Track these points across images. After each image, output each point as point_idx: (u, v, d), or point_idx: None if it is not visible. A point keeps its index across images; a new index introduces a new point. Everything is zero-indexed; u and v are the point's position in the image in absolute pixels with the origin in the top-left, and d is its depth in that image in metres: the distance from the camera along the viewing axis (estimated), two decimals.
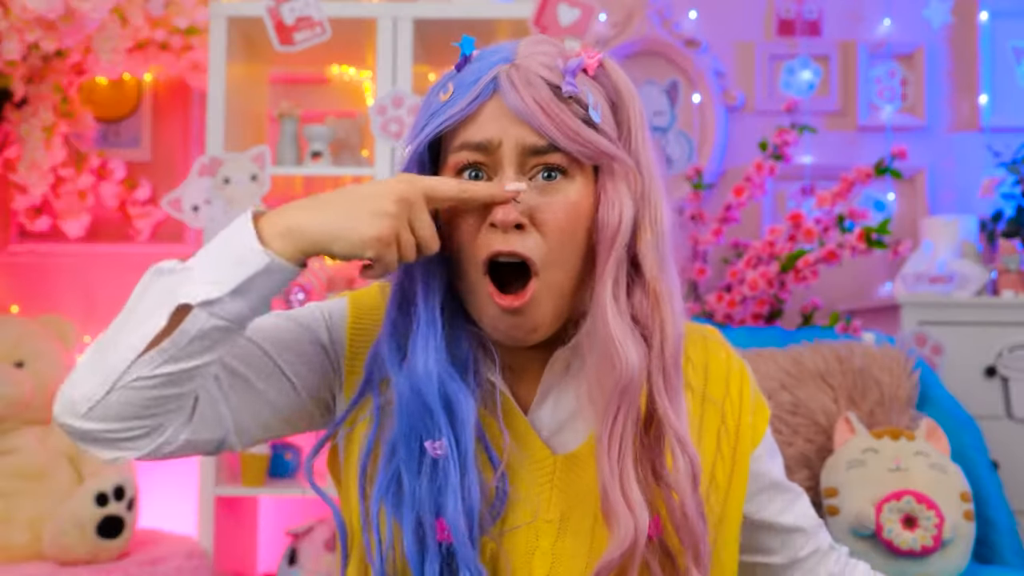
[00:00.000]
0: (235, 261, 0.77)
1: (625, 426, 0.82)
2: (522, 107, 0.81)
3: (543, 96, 0.82)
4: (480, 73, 0.84)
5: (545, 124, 0.81)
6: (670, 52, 2.93)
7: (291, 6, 2.23)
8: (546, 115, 0.81)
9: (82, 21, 2.32)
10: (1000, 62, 2.90)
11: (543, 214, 0.83)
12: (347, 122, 2.61)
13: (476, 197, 0.82)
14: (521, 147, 0.83)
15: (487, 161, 0.84)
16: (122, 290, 2.94)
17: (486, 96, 0.83)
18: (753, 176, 2.62)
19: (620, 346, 0.81)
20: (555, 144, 0.82)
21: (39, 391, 2.37)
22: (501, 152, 0.83)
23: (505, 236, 0.82)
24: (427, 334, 0.85)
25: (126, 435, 0.79)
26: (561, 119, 0.81)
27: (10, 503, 2.25)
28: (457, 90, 0.85)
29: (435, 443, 0.83)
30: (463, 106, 0.83)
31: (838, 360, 2.14)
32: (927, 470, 1.90)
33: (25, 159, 2.62)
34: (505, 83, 0.83)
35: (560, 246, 0.83)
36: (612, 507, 0.80)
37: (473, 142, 0.84)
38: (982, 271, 2.55)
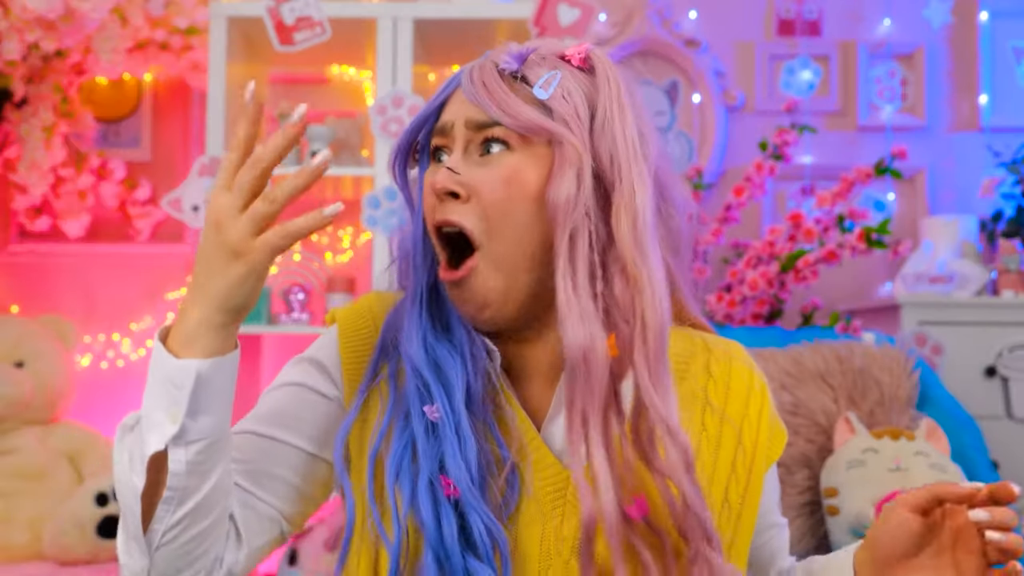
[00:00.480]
0: (172, 387, 0.77)
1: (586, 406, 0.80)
2: (468, 88, 0.87)
3: (488, 76, 0.87)
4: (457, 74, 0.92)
5: (482, 97, 0.86)
6: (670, 52, 2.93)
7: (291, 6, 2.23)
8: (486, 91, 0.86)
9: (82, 21, 2.32)
10: (1000, 62, 2.90)
11: (477, 184, 0.85)
12: (347, 122, 2.61)
13: (299, 228, 0.79)
14: (465, 122, 0.87)
15: (447, 143, 0.89)
16: (122, 290, 2.93)
17: (451, 88, 0.91)
18: (753, 176, 2.62)
19: (567, 324, 0.80)
20: (493, 117, 0.85)
21: (39, 391, 2.37)
22: (454, 132, 0.88)
23: (442, 205, 0.86)
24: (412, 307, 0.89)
25: (199, 570, 0.81)
26: (499, 94, 0.85)
27: (10, 503, 2.25)
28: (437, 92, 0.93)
29: (432, 407, 0.85)
30: (433, 98, 0.91)
31: (838, 360, 2.14)
32: (927, 470, 1.90)
33: (25, 159, 2.62)
34: (465, 73, 0.89)
35: (500, 217, 0.84)
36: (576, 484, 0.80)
37: (436, 127, 0.90)
38: (982, 271, 2.55)
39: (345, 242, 2.85)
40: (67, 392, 2.47)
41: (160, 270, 2.86)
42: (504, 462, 0.86)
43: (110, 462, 2.35)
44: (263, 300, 2.45)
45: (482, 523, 0.82)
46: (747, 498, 0.90)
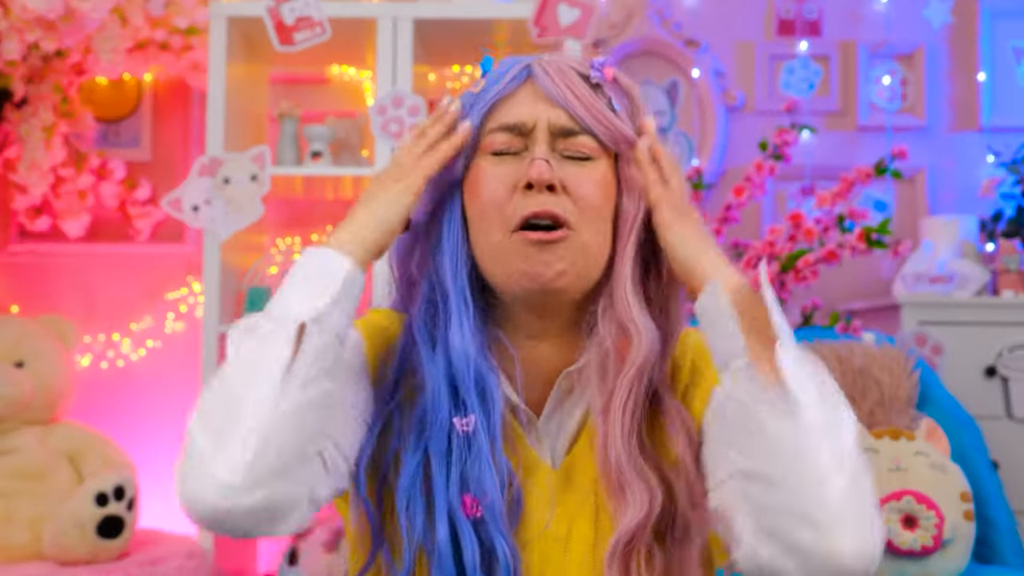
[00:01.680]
0: (323, 277, 0.81)
1: (636, 403, 0.85)
2: (556, 91, 0.88)
3: (575, 82, 0.89)
4: (512, 64, 0.91)
5: (577, 107, 0.87)
6: (670, 52, 2.93)
7: (291, 6, 2.23)
8: (577, 99, 0.88)
9: (82, 21, 2.32)
10: (1000, 62, 2.90)
11: (576, 183, 0.88)
12: (347, 122, 2.61)
13: (444, 152, 0.90)
14: (553, 128, 0.88)
15: (519, 144, 0.89)
16: (122, 290, 2.94)
17: (521, 80, 0.90)
18: (753, 176, 2.62)
19: (640, 326, 0.86)
20: (585, 127, 0.88)
21: (39, 391, 2.37)
22: (534, 134, 0.88)
23: (540, 197, 0.86)
24: (460, 314, 0.87)
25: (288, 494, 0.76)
26: (591, 103, 0.88)
27: (10, 503, 2.25)
28: (490, 81, 0.92)
29: (464, 419, 0.85)
30: (501, 87, 0.89)
31: (838, 360, 2.14)
32: (927, 470, 1.90)
33: (25, 159, 2.61)
34: (539, 70, 0.89)
35: (593, 214, 0.88)
36: (628, 481, 0.83)
37: (508, 123, 0.89)
38: (982, 271, 2.55)
39: None
40: (67, 392, 2.47)
41: (160, 270, 2.85)
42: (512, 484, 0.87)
43: (110, 462, 2.36)
44: (263, 300, 2.45)
45: (507, 547, 0.83)
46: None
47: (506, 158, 0.88)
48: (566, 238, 0.86)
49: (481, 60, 0.94)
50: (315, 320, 0.78)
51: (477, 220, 0.89)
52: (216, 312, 2.37)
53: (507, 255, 0.87)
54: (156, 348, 2.84)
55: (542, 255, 0.86)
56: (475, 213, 0.89)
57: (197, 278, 2.80)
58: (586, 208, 0.87)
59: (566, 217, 0.86)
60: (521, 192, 0.86)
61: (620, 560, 0.82)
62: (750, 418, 0.77)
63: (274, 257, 2.70)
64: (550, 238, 0.86)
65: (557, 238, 0.86)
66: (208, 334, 2.37)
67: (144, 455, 2.68)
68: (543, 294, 0.88)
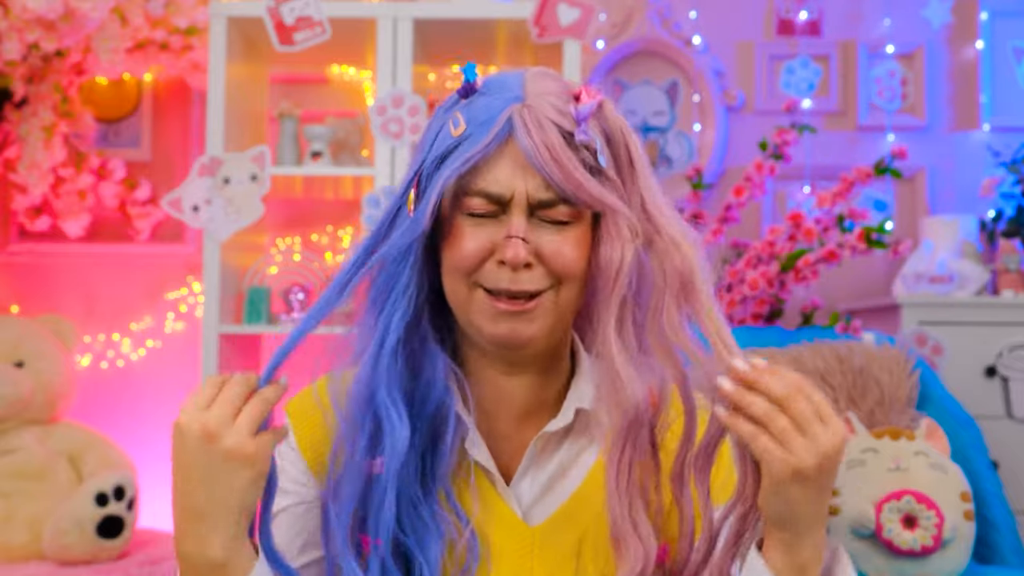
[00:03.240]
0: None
1: (632, 457, 0.84)
2: (535, 154, 0.83)
3: (554, 142, 0.83)
4: (493, 111, 0.85)
5: (555, 174, 0.83)
6: (670, 52, 2.93)
7: (291, 6, 2.23)
8: (557, 164, 0.83)
9: (82, 21, 2.32)
10: (1000, 62, 2.90)
11: (552, 251, 0.85)
12: (347, 122, 2.61)
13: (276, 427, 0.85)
14: (532, 200, 0.84)
15: (497, 209, 0.85)
16: (122, 290, 2.94)
17: (502, 139, 0.84)
18: (753, 176, 2.62)
19: (627, 381, 0.83)
20: (563, 196, 0.84)
21: (39, 391, 2.37)
22: (512, 205, 0.85)
23: (514, 275, 0.84)
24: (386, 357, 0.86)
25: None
26: (569, 170, 0.83)
27: (10, 503, 2.25)
28: (471, 127, 0.85)
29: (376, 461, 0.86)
30: (481, 148, 0.84)
31: (838, 360, 2.14)
32: (927, 470, 1.90)
33: (25, 159, 2.61)
34: (519, 125, 0.84)
35: (569, 277, 0.86)
36: (622, 535, 0.82)
37: (490, 193, 0.85)
38: (982, 271, 2.55)
39: (345, 242, 2.85)
40: (67, 392, 2.47)
41: (160, 270, 2.86)
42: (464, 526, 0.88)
43: (110, 462, 2.36)
44: (263, 300, 2.45)
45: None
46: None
47: (484, 220, 0.85)
48: (538, 306, 0.85)
49: (465, 67, 0.89)
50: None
51: (448, 271, 0.88)
52: (216, 312, 2.37)
53: (474, 312, 0.87)
54: (156, 348, 2.84)
55: (511, 322, 0.85)
56: (447, 264, 0.87)
57: (197, 278, 2.80)
58: (562, 272, 0.85)
59: (540, 288, 0.85)
60: (495, 262, 0.85)
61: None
62: None
63: (274, 257, 2.70)
64: (523, 308, 0.85)
65: (530, 307, 0.85)
66: (208, 334, 2.37)
67: (144, 455, 2.68)
68: (511, 350, 0.88)
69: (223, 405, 0.79)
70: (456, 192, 0.86)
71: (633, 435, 0.84)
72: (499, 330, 0.86)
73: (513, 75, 0.89)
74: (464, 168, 0.84)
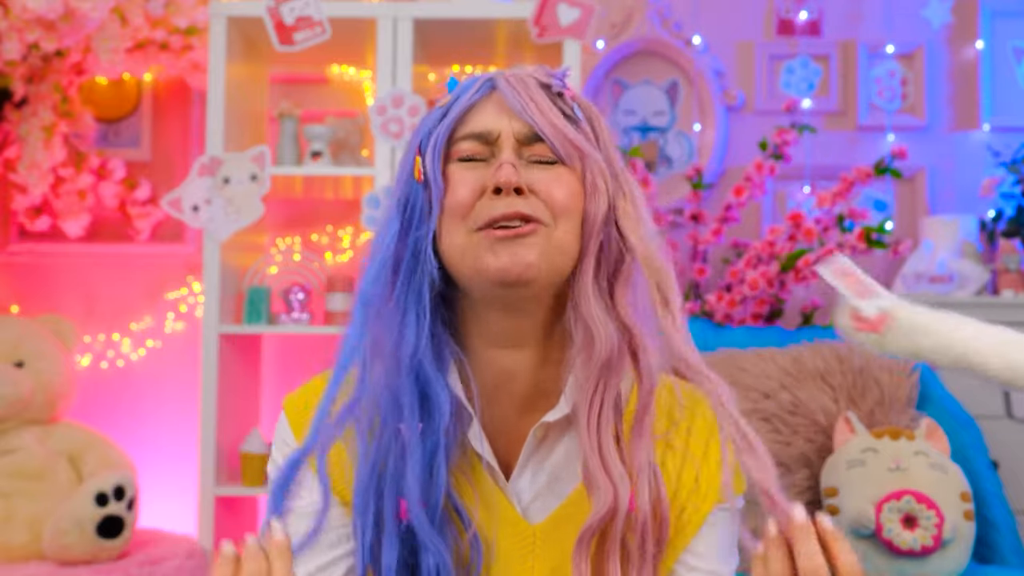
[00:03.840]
0: None
1: (604, 401, 0.86)
2: (517, 102, 0.89)
3: (535, 94, 0.90)
4: (476, 79, 0.92)
5: (537, 118, 0.88)
6: (670, 52, 2.93)
7: (291, 6, 2.23)
8: (536, 107, 0.89)
9: (82, 21, 2.32)
10: (1000, 62, 2.90)
11: (544, 186, 0.88)
12: (347, 122, 2.61)
13: None
14: (518, 136, 0.89)
15: (486, 152, 0.89)
16: (122, 290, 2.94)
17: (485, 91, 0.91)
18: (753, 176, 2.62)
19: (599, 323, 0.86)
20: (544, 136, 0.88)
21: (39, 391, 2.37)
22: (500, 142, 0.89)
23: (507, 199, 0.86)
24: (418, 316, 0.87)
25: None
26: (548, 114, 0.89)
27: (10, 503, 2.25)
28: (456, 93, 0.92)
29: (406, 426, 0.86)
30: (467, 99, 0.90)
31: (838, 360, 2.14)
32: (927, 470, 1.90)
33: (25, 159, 2.62)
34: (502, 82, 0.91)
35: (562, 214, 0.87)
36: (592, 475, 0.84)
37: (475, 132, 0.89)
38: (982, 271, 2.55)
39: (345, 242, 2.86)
40: (67, 392, 2.47)
41: (160, 270, 2.86)
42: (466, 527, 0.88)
43: (110, 462, 2.36)
44: (263, 300, 2.45)
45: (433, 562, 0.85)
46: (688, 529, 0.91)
47: (475, 164, 0.89)
48: (536, 231, 0.86)
49: (448, 81, 0.95)
50: None
51: (444, 222, 0.88)
52: (216, 312, 2.37)
53: (473, 252, 0.86)
54: (156, 348, 2.84)
55: (511, 248, 0.85)
56: (445, 217, 0.88)
57: (197, 278, 2.80)
58: (555, 207, 0.87)
59: (536, 215, 0.86)
60: (489, 196, 0.86)
61: (586, 547, 0.84)
62: None
63: (274, 257, 2.70)
64: (519, 232, 0.85)
65: (527, 231, 0.85)
66: (208, 334, 2.37)
67: (144, 455, 2.68)
68: (514, 287, 0.86)
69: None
70: (447, 146, 0.90)
71: (604, 379, 0.86)
72: (501, 261, 0.85)
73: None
74: (452, 119, 0.89)
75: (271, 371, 2.78)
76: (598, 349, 0.85)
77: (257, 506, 2.71)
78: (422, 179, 0.89)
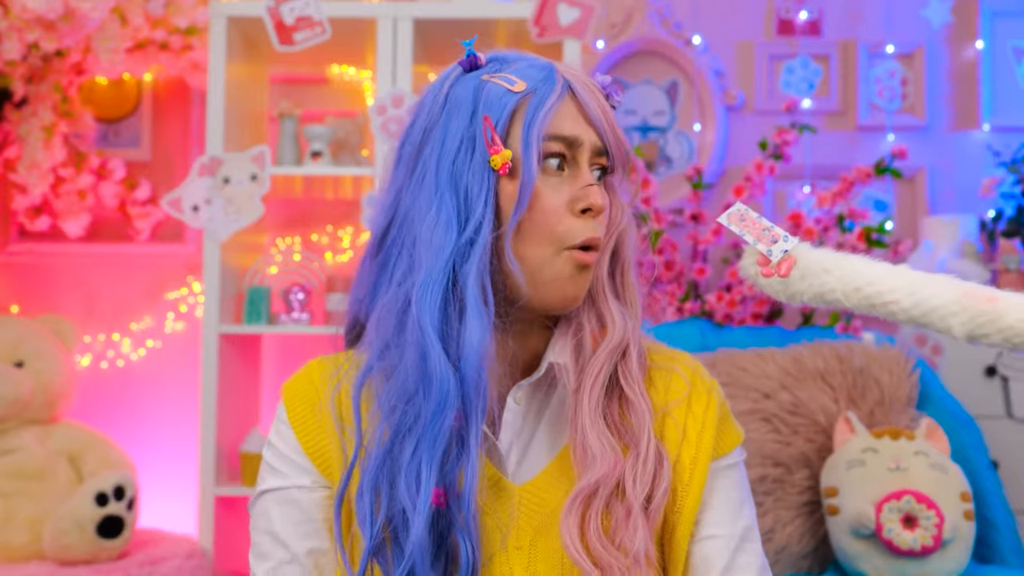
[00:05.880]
0: None
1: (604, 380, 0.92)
2: (596, 111, 0.91)
3: (604, 105, 0.93)
4: (544, 70, 0.92)
5: (608, 131, 0.92)
6: (670, 52, 2.93)
7: (291, 6, 2.23)
8: (608, 124, 0.92)
9: (82, 21, 2.32)
10: (1000, 62, 2.90)
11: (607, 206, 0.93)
12: (347, 122, 2.61)
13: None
14: (593, 148, 0.92)
15: (568, 155, 0.91)
16: (122, 290, 2.94)
17: (565, 92, 0.91)
18: (753, 176, 2.62)
19: (615, 313, 0.94)
20: (610, 150, 0.93)
21: (39, 391, 2.37)
22: (581, 149, 0.91)
23: (594, 224, 0.90)
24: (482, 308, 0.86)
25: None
26: (616, 128, 0.93)
27: (10, 503, 2.25)
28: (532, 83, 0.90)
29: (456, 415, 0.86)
30: (555, 98, 0.90)
31: (838, 360, 2.14)
32: (927, 470, 1.90)
33: (25, 159, 2.62)
34: (579, 88, 0.92)
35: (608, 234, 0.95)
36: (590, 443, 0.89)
37: (564, 135, 0.90)
38: (982, 271, 2.55)
39: (345, 242, 2.86)
40: (67, 392, 2.47)
41: (160, 270, 2.86)
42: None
43: (110, 462, 2.36)
44: (263, 299, 2.45)
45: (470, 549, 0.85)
46: (691, 487, 0.92)
47: (559, 174, 0.90)
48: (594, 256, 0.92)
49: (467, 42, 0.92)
50: None
51: (528, 229, 0.88)
52: (216, 312, 2.37)
53: (556, 270, 0.89)
54: (156, 348, 2.84)
55: (583, 277, 0.91)
56: (526, 223, 0.88)
57: (197, 278, 2.81)
58: (609, 229, 0.94)
59: (601, 241, 0.92)
60: (575, 214, 0.89)
61: (579, 509, 0.87)
62: None
63: (274, 257, 2.70)
64: (590, 261, 0.90)
65: (593, 260, 0.91)
66: (208, 334, 2.37)
67: (144, 455, 2.68)
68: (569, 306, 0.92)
69: None
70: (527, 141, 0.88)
71: (610, 362, 0.92)
72: (576, 290, 0.90)
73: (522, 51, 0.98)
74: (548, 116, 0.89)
75: (271, 371, 2.78)
76: (610, 335, 0.92)
77: None
78: (506, 172, 0.87)
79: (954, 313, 0.81)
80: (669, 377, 0.97)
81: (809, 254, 0.87)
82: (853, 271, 0.85)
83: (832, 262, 0.86)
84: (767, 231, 0.88)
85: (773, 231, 0.88)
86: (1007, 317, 0.80)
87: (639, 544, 0.86)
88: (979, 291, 0.82)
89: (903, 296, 0.84)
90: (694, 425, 0.94)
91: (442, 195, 0.88)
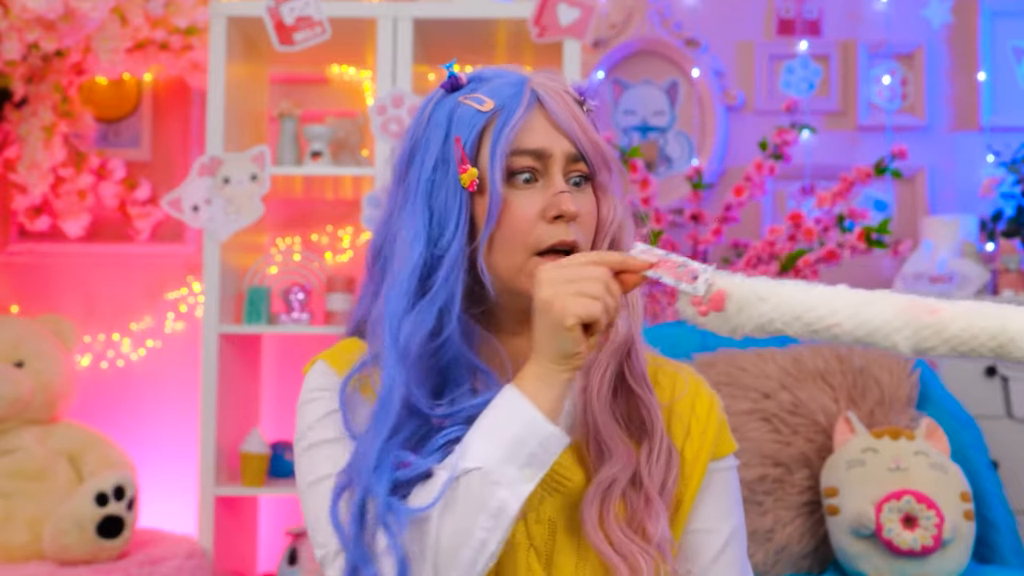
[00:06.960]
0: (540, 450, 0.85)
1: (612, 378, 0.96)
2: (566, 120, 0.94)
3: (576, 111, 0.95)
4: (514, 87, 0.95)
5: (582, 137, 0.94)
6: (670, 52, 2.93)
7: (291, 6, 2.23)
8: (581, 129, 0.94)
9: (82, 21, 2.32)
10: (1000, 62, 2.90)
11: (583, 211, 0.95)
12: (347, 122, 2.61)
13: (629, 267, 0.89)
14: (566, 157, 0.94)
15: (539, 167, 0.94)
16: (122, 290, 2.94)
17: (533, 105, 0.94)
18: (753, 176, 2.62)
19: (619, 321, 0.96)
20: (585, 155, 0.95)
21: (39, 391, 2.37)
22: (552, 160, 0.94)
23: (567, 227, 0.92)
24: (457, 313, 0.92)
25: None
26: (590, 133, 0.95)
27: (10, 503, 2.25)
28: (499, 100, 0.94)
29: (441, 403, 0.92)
30: (521, 113, 0.93)
31: (838, 360, 2.14)
32: (927, 470, 1.90)
33: (25, 159, 2.62)
34: (548, 99, 0.94)
35: (587, 234, 0.96)
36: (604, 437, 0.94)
37: (531, 149, 0.93)
38: (982, 271, 2.55)
39: (345, 242, 2.86)
40: (67, 392, 2.47)
41: (160, 270, 2.86)
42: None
43: (110, 462, 2.36)
44: (263, 300, 2.45)
45: None
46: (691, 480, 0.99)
47: (530, 186, 0.93)
48: None
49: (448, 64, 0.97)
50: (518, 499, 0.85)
51: (500, 239, 0.93)
52: (216, 312, 2.37)
53: (526, 278, 0.92)
54: (156, 348, 2.84)
55: None
56: (500, 238, 0.92)
57: (197, 278, 2.80)
58: (585, 229, 0.95)
59: (579, 242, 0.94)
60: (548, 221, 0.92)
61: (599, 499, 0.93)
62: None
63: (274, 257, 2.70)
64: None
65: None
66: (208, 334, 2.37)
67: (144, 455, 2.68)
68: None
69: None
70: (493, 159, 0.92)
71: (616, 356, 0.96)
72: None
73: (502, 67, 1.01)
74: (512, 133, 0.92)
75: (271, 371, 2.78)
76: (613, 335, 0.95)
77: (257, 506, 2.72)
78: (475, 188, 0.92)
79: (897, 329, 0.81)
80: (674, 379, 1.03)
81: (742, 285, 0.86)
82: (789, 298, 0.84)
83: (767, 290, 0.85)
84: (683, 267, 0.87)
85: (689, 266, 0.88)
86: (951, 327, 0.80)
87: (661, 530, 0.92)
88: (920, 304, 0.82)
89: (844, 318, 0.83)
90: (697, 425, 1.00)
91: (419, 212, 0.93)
